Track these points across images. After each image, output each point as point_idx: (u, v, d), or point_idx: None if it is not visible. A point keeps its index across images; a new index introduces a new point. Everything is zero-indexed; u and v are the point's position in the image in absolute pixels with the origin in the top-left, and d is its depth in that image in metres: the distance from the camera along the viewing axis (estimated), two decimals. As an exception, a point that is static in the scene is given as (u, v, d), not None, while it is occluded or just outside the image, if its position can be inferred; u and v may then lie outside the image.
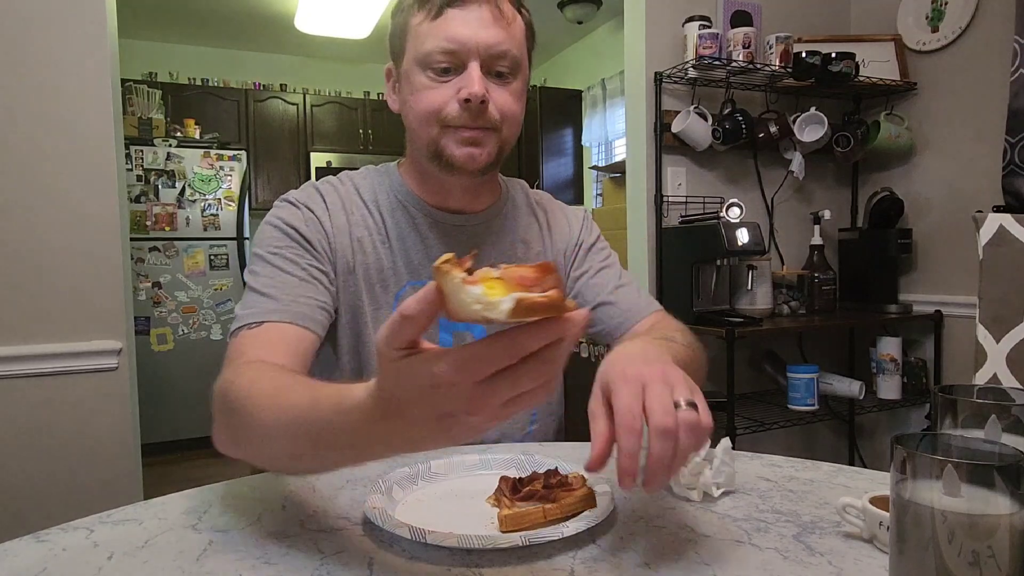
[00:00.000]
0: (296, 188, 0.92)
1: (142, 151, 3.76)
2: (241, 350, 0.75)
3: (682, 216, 2.17)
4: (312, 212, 0.88)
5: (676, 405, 0.52)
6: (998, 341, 1.16)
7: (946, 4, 2.19)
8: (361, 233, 0.90)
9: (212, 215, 3.93)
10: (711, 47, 2.01)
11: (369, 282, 0.89)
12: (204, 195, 3.92)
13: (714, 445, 0.74)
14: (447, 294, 0.40)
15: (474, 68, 0.81)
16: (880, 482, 0.74)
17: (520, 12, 0.87)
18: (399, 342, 0.42)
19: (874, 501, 0.59)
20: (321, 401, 0.52)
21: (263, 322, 0.77)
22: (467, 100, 0.80)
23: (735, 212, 1.94)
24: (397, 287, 0.90)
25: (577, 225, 1.04)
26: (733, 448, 0.74)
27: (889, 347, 2.18)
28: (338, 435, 0.51)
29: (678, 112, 2.13)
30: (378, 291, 0.90)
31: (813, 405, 2.03)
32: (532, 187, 1.08)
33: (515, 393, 0.41)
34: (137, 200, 3.74)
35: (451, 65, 0.82)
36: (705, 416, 0.53)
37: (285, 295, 0.80)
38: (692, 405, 0.52)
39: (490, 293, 0.39)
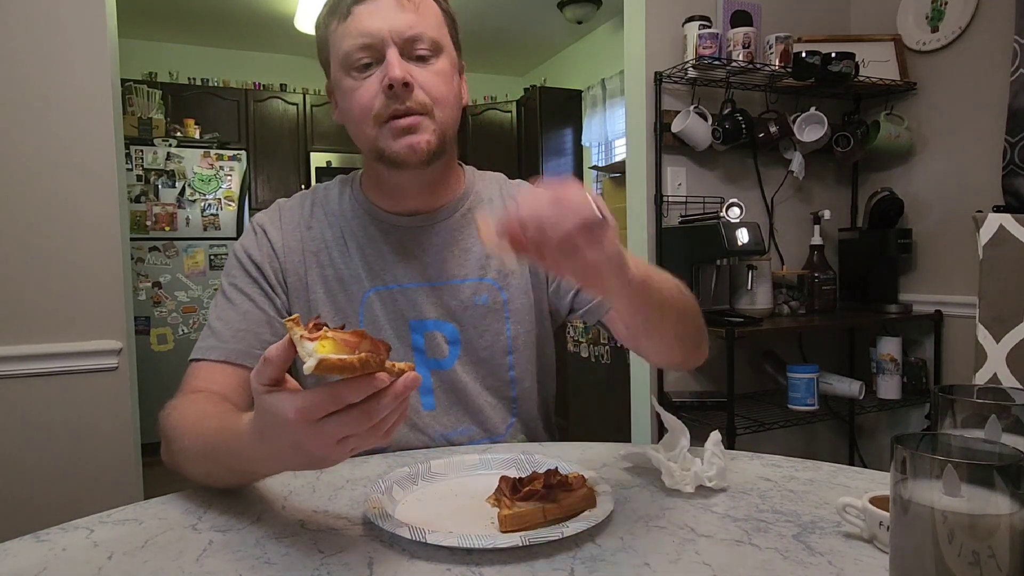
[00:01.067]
0: (296, 188, 0.94)
1: (142, 151, 3.76)
2: (187, 381, 0.85)
3: (682, 216, 2.17)
4: (267, 235, 0.93)
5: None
6: (998, 341, 1.16)
7: (946, 4, 2.19)
8: (317, 247, 0.93)
9: (212, 215, 3.93)
10: (711, 47, 2.01)
11: (331, 292, 0.92)
12: (204, 195, 3.92)
13: (703, 441, 0.75)
14: (295, 346, 0.49)
15: (392, 54, 0.82)
16: (880, 482, 0.74)
17: None
18: (263, 379, 0.52)
19: (874, 501, 0.59)
20: (224, 429, 0.64)
21: (203, 359, 0.86)
22: (390, 86, 0.81)
23: (735, 212, 1.94)
24: (360, 293, 0.92)
25: None
26: (733, 448, 0.74)
27: (889, 347, 2.18)
28: (233, 457, 0.62)
29: (678, 112, 2.13)
30: (341, 300, 0.92)
31: (813, 405, 2.03)
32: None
33: (344, 434, 0.51)
34: (137, 200, 3.74)
35: (371, 59, 0.83)
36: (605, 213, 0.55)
37: (228, 330, 0.86)
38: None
39: (319, 349, 0.48)
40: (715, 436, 0.74)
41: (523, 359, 0.97)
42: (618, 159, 4.24)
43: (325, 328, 0.50)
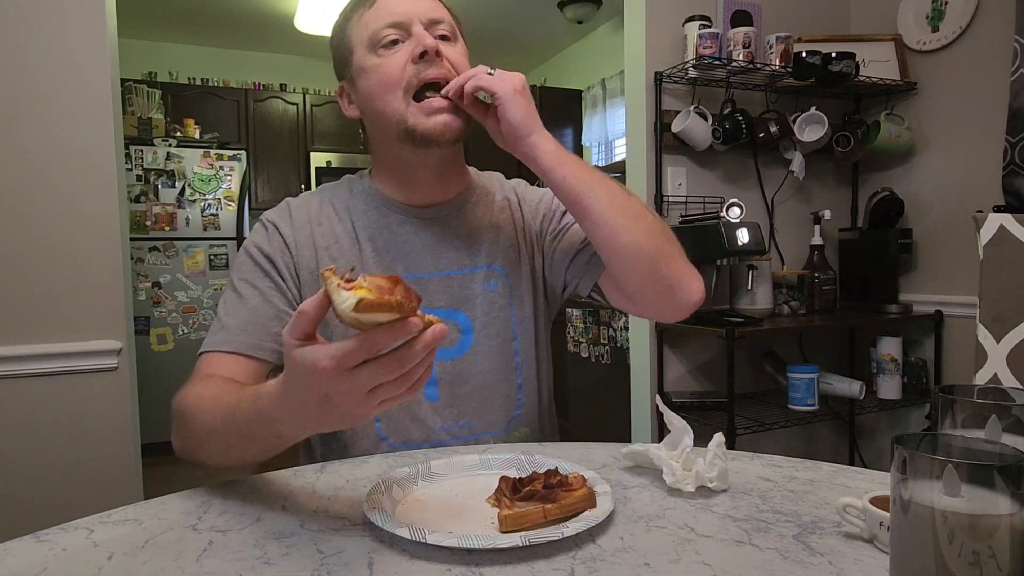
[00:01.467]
0: (296, 188, 0.96)
1: (142, 151, 3.76)
2: (198, 371, 0.86)
3: (682, 216, 2.17)
4: (278, 230, 0.94)
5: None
6: (998, 341, 1.16)
7: (946, 4, 2.19)
8: (328, 241, 0.94)
9: (212, 215, 3.93)
10: (711, 47, 2.01)
11: None
12: (204, 195, 3.92)
13: (706, 442, 0.75)
14: (331, 295, 0.49)
15: (419, 29, 0.87)
16: (880, 482, 0.74)
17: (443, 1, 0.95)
18: (296, 334, 0.53)
19: (874, 501, 0.59)
20: (244, 397, 0.65)
21: (214, 351, 0.87)
22: (422, 54, 0.86)
23: (735, 212, 1.94)
24: None
25: (548, 200, 1.06)
26: (733, 448, 0.75)
27: (889, 347, 2.18)
28: (256, 421, 0.62)
29: (678, 112, 2.13)
30: None
31: (813, 405, 2.03)
32: (532, 185, 1.10)
33: (375, 383, 0.52)
34: (137, 200, 3.74)
35: (399, 36, 0.88)
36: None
37: (237, 324, 0.87)
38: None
39: (357, 292, 0.48)
40: (718, 438, 0.74)
41: (526, 344, 0.99)
42: (618, 159, 4.24)
43: (362, 276, 0.50)
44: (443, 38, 0.90)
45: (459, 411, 0.94)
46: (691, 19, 2.07)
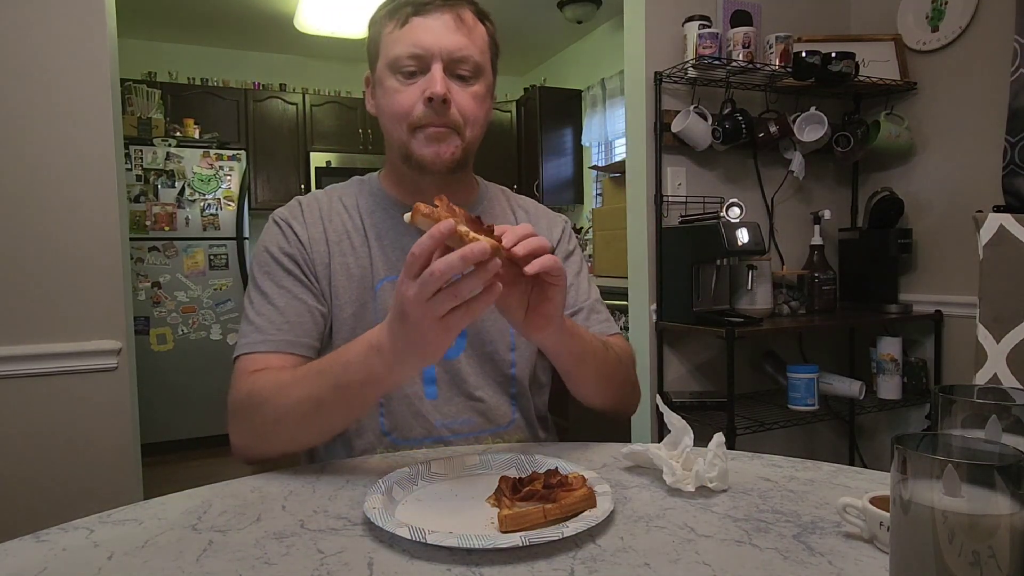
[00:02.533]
0: (296, 188, 0.96)
1: (141, 151, 3.76)
2: (242, 371, 0.87)
3: (682, 216, 2.17)
4: (292, 228, 0.96)
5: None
6: (998, 341, 1.16)
7: (946, 4, 2.19)
8: (339, 237, 0.97)
9: (212, 215, 3.93)
10: (711, 47, 2.01)
11: (350, 278, 0.96)
12: (204, 195, 3.92)
13: (706, 442, 0.75)
14: (464, 240, 0.64)
15: (437, 70, 0.88)
16: (880, 482, 0.74)
17: (484, 23, 0.95)
18: (411, 273, 0.64)
19: (874, 501, 0.59)
20: (344, 349, 0.76)
21: (252, 352, 0.88)
22: (430, 99, 0.88)
23: (735, 212, 1.94)
24: (375, 281, 0.96)
25: (558, 231, 1.09)
26: (733, 448, 0.75)
27: (889, 347, 2.18)
28: (356, 367, 0.74)
29: (678, 112, 2.13)
30: (358, 286, 0.96)
31: (813, 405, 2.03)
32: (533, 190, 1.11)
33: (446, 307, 0.64)
34: (136, 200, 3.74)
35: (417, 68, 0.89)
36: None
37: (271, 325, 0.89)
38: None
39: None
40: (718, 438, 0.74)
41: (524, 357, 1.00)
42: (618, 159, 4.24)
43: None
44: (461, 78, 0.91)
45: (457, 409, 0.95)
46: (691, 19, 2.07)
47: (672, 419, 0.78)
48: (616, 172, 3.73)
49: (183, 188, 3.86)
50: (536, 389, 1.04)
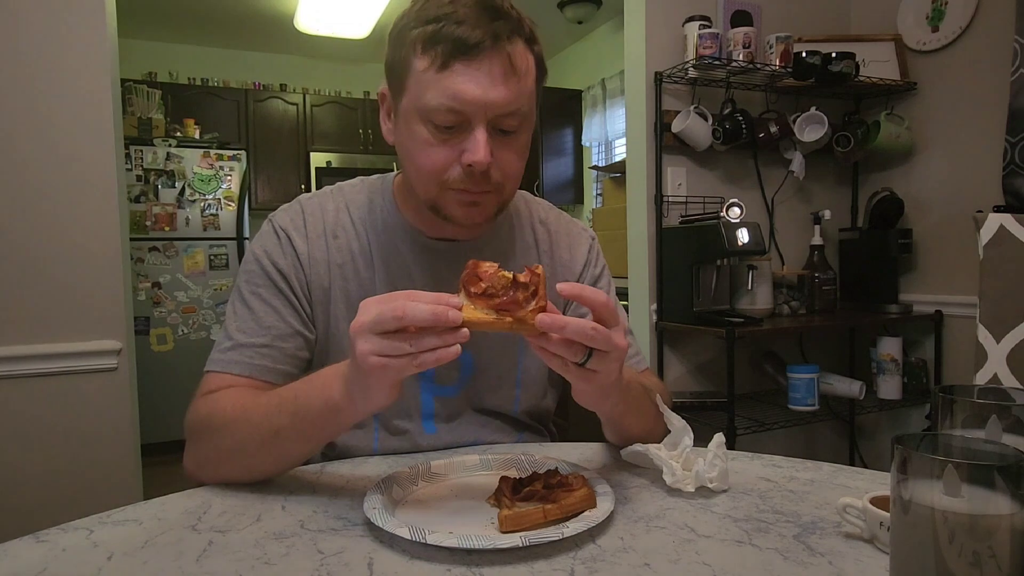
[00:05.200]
0: (296, 188, 0.92)
1: (142, 151, 3.76)
2: (207, 388, 0.82)
3: (682, 216, 2.17)
4: (291, 242, 0.88)
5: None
6: (998, 341, 1.16)
7: (946, 4, 2.19)
8: (344, 259, 0.89)
9: (212, 215, 3.93)
10: (711, 47, 2.01)
11: (351, 306, 0.88)
12: (204, 195, 3.92)
13: (706, 442, 0.75)
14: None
15: (480, 133, 0.75)
16: (880, 482, 0.74)
17: (533, 49, 0.80)
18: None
19: (874, 501, 0.59)
20: (301, 384, 0.73)
21: (224, 372, 0.83)
22: (470, 165, 0.76)
23: (735, 212, 1.94)
24: None
25: (582, 255, 0.99)
26: (733, 448, 0.75)
27: (889, 347, 2.18)
28: (318, 390, 0.70)
29: (678, 112, 2.13)
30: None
31: (813, 405, 2.03)
32: (533, 190, 1.07)
33: (389, 352, 0.60)
34: (137, 200, 3.74)
35: (455, 123, 0.76)
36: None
37: (251, 343, 0.83)
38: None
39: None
40: (718, 438, 0.74)
41: (529, 395, 0.96)
42: (618, 159, 4.24)
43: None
44: (505, 132, 0.78)
45: (456, 438, 0.92)
46: (691, 19, 2.07)
47: (672, 419, 0.78)
48: (616, 172, 3.73)
49: (183, 188, 3.86)
50: (542, 414, 1.00)
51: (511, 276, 0.63)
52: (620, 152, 4.46)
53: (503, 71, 0.74)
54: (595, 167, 4.18)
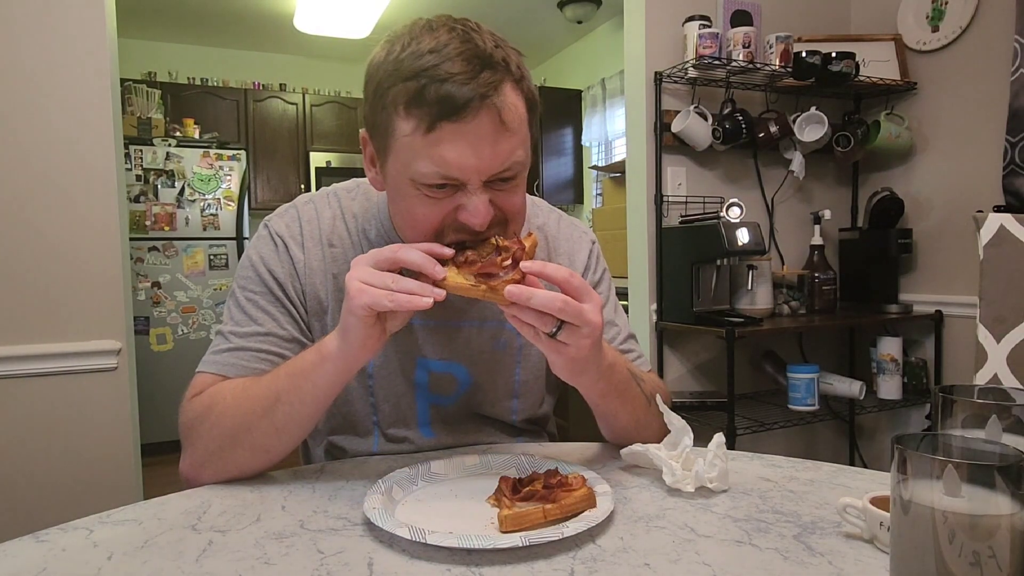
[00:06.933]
0: (295, 187, 0.91)
1: (141, 151, 3.76)
2: (199, 388, 0.83)
3: (682, 216, 2.17)
4: (288, 250, 0.86)
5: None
6: (998, 341, 1.16)
7: (946, 4, 2.19)
8: (339, 268, 0.87)
9: (211, 215, 3.93)
10: (711, 47, 2.01)
11: None
12: (203, 195, 3.92)
13: (706, 442, 0.75)
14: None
15: (477, 196, 0.70)
16: (880, 482, 0.74)
17: (522, 87, 0.73)
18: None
19: (874, 501, 0.59)
20: (295, 359, 0.77)
21: (218, 374, 0.83)
22: (465, 224, 0.72)
23: (735, 212, 1.94)
24: None
25: (581, 260, 0.97)
26: (733, 448, 0.75)
27: (889, 347, 2.18)
28: (308, 354, 0.75)
29: (678, 112, 2.13)
30: None
31: (813, 405, 2.03)
32: (533, 190, 1.07)
33: (378, 283, 0.67)
34: (136, 200, 3.74)
35: (447, 183, 0.70)
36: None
37: (248, 349, 0.83)
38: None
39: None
40: (718, 438, 0.74)
41: (527, 404, 0.96)
42: (618, 159, 4.24)
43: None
44: (503, 180, 0.73)
45: (455, 442, 0.92)
46: (691, 19, 2.07)
47: (672, 419, 0.78)
48: (616, 172, 3.73)
49: (183, 188, 3.86)
50: (541, 419, 1.00)
51: (495, 241, 0.70)
52: (620, 152, 4.46)
53: (494, 129, 0.69)
54: (595, 167, 4.18)
